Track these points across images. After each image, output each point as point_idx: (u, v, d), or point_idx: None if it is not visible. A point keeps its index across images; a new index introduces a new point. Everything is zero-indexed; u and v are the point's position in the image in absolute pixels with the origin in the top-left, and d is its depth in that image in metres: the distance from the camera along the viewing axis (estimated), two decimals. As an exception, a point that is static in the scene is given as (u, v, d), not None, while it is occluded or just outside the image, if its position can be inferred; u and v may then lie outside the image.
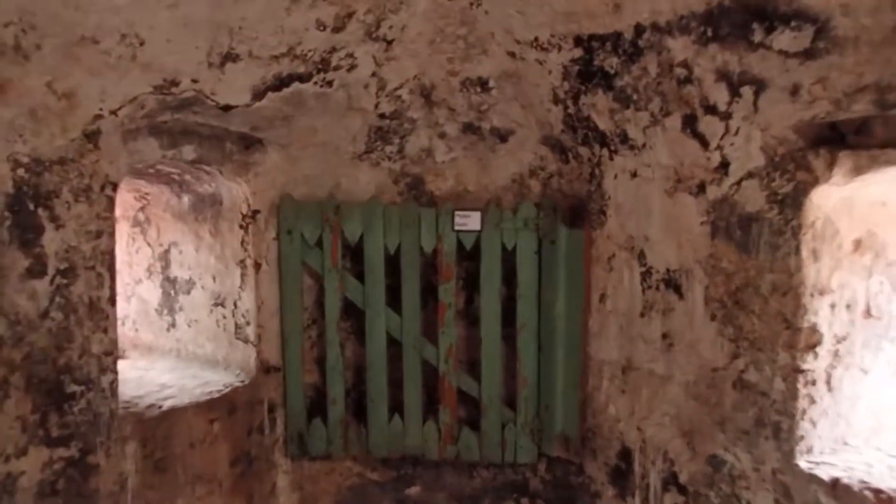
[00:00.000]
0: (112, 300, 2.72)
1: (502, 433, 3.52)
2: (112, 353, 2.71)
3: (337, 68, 3.21)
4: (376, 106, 3.43)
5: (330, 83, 3.25)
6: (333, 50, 3.13)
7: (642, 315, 3.08)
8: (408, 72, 3.34)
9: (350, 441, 3.54)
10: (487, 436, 3.52)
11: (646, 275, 3.06)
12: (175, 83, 2.84)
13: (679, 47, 2.69)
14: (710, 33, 2.59)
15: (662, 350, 2.97)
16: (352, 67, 3.23)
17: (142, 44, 2.64)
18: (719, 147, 2.70)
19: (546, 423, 3.50)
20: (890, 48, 2.16)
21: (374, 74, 3.30)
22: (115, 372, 2.72)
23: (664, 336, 2.97)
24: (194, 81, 2.88)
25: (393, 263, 3.52)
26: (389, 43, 3.20)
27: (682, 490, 2.89)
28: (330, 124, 3.44)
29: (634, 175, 3.10)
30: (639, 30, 2.79)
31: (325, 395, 3.54)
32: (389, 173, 3.66)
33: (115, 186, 2.78)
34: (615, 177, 3.20)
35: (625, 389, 3.18)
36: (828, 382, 2.54)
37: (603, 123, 3.14)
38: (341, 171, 3.61)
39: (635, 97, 2.94)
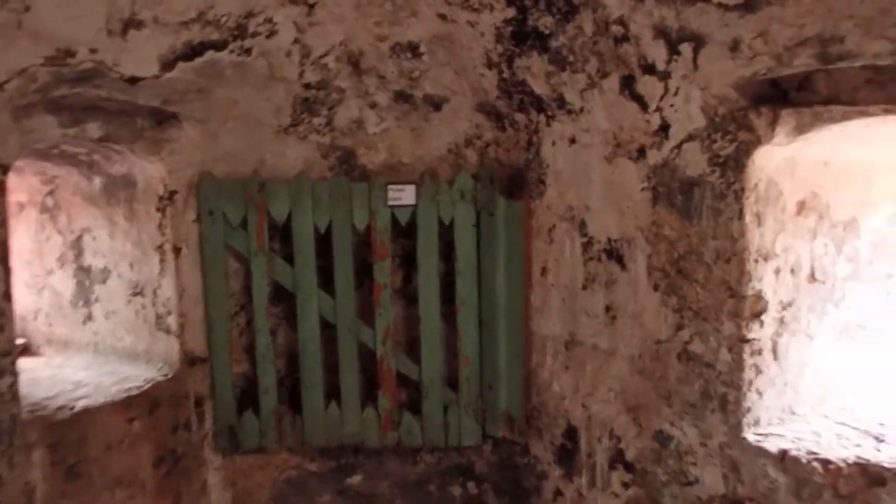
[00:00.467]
0: (7, 295, 2.47)
1: (445, 416, 3.39)
2: (10, 353, 2.47)
3: (255, 35, 2.99)
4: (301, 75, 3.22)
5: (248, 51, 3.03)
6: (250, 15, 2.90)
7: (584, 287, 2.96)
8: (333, 38, 3.14)
9: (285, 432, 3.36)
10: (430, 419, 3.38)
11: (587, 245, 2.94)
12: (71, 53, 2.58)
13: (615, 3, 2.55)
14: (646, -13, 2.45)
15: (606, 323, 2.86)
16: (271, 34, 3.02)
17: (27, 9, 2.38)
18: (659, 109, 2.58)
19: (490, 404, 3.38)
20: (832, -4, 2.05)
21: (296, 41, 3.09)
22: (15, 374, 2.49)
23: (607, 308, 2.85)
24: (93, 51, 2.63)
25: (324, 243, 3.33)
26: (311, 7, 3.01)
27: (629, 468, 2.79)
28: (251, 96, 3.22)
29: (573, 141, 2.97)
30: (573, -15, 2.63)
31: (256, 384, 3.35)
32: (318, 147, 3.45)
33: (6, 169, 2.53)
34: (553, 144, 3.06)
35: (569, 365, 3.06)
36: (774, 351, 2.46)
37: (539, 87, 2.99)
38: (266, 146, 3.39)
39: (571, 58, 2.80)
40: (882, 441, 2.25)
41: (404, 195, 3.29)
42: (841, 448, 2.25)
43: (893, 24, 1.96)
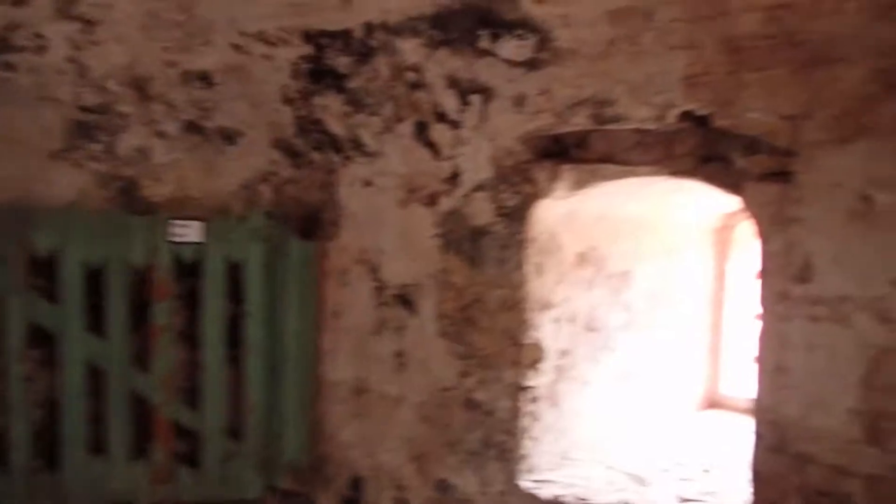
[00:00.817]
0: None
1: (226, 467, 3.15)
2: None
3: (21, 49, 2.72)
4: (77, 97, 2.94)
5: (12, 67, 2.75)
6: (15, 27, 2.65)
7: (376, 333, 2.90)
8: (116, 59, 2.91)
9: (39, 490, 2.96)
10: (208, 471, 3.13)
11: (380, 290, 2.90)
12: None
13: (409, 50, 2.58)
14: (439, 37, 2.50)
15: (395, 370, 2.82)
16: (41, 49, 2.76)
17: None
18: (451, 157, 2.63)
19: (275, 453, 3.18)
20: (606, 61, 2.19)
21: (72, 60, 2.84)
22: None
23: (397, 355, 2.82)
24: None
25: (97, 281, 3.01)
26: (90, 24, 2.77)
27: (413, 518, 2.74)
28: (16, 116, 2.91)
29: (368, 184, 2.94)
30: (369, 28, 2.63)
31: (5, 439, 2.93)
32: (96, 176, 3.14)
33: None
34: (349, 185, 3.01)
35: (357, 413, 2.98)
36: (551, 398, 2.53)
37: (336, 127, 2.94)
38: (33, 173, 3.04)
39: (368, 101, 2.79)
40: (643, 484, 2.37)
41: (190, 231, 3.07)
42: (608, 492, 2.34)
43: (656, 92, 2.12)
